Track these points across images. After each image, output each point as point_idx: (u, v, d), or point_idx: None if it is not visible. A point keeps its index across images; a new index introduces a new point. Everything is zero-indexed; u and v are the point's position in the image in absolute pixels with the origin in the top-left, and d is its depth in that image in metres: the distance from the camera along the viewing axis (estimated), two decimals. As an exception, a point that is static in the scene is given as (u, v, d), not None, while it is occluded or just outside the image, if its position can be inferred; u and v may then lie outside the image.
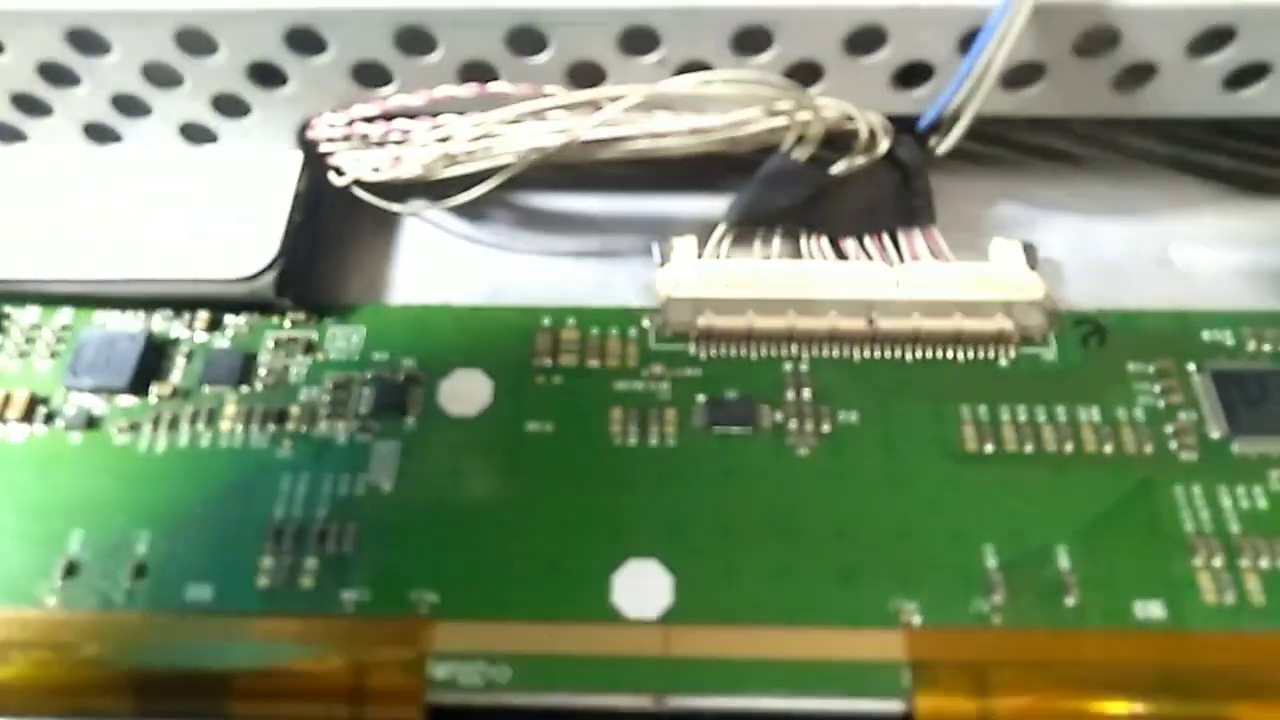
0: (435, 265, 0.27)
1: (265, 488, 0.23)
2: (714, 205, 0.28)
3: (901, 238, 0.26)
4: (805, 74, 0.23)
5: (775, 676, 0.21)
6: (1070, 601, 0.21)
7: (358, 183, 0.26)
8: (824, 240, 0.26)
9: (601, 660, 0.21)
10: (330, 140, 0.26)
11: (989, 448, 0.23)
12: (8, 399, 0.24)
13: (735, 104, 0.22)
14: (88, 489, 0.23)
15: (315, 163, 0.27)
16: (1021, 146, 0.29)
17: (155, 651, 0.21)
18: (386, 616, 0.22)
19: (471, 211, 0.27)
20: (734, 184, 0.27)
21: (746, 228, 0.26)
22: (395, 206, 0.27)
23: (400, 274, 0.27)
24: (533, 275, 0.27)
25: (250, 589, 0.22)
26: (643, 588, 0.22)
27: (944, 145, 0.25)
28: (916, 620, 0.21)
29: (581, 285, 0.27)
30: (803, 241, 0.26)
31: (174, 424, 0.24)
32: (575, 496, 0.23)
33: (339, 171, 0.26)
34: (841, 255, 0.26)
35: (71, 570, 0.22)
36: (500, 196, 0.26)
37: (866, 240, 0.26)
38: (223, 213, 0.26)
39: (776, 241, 0.26)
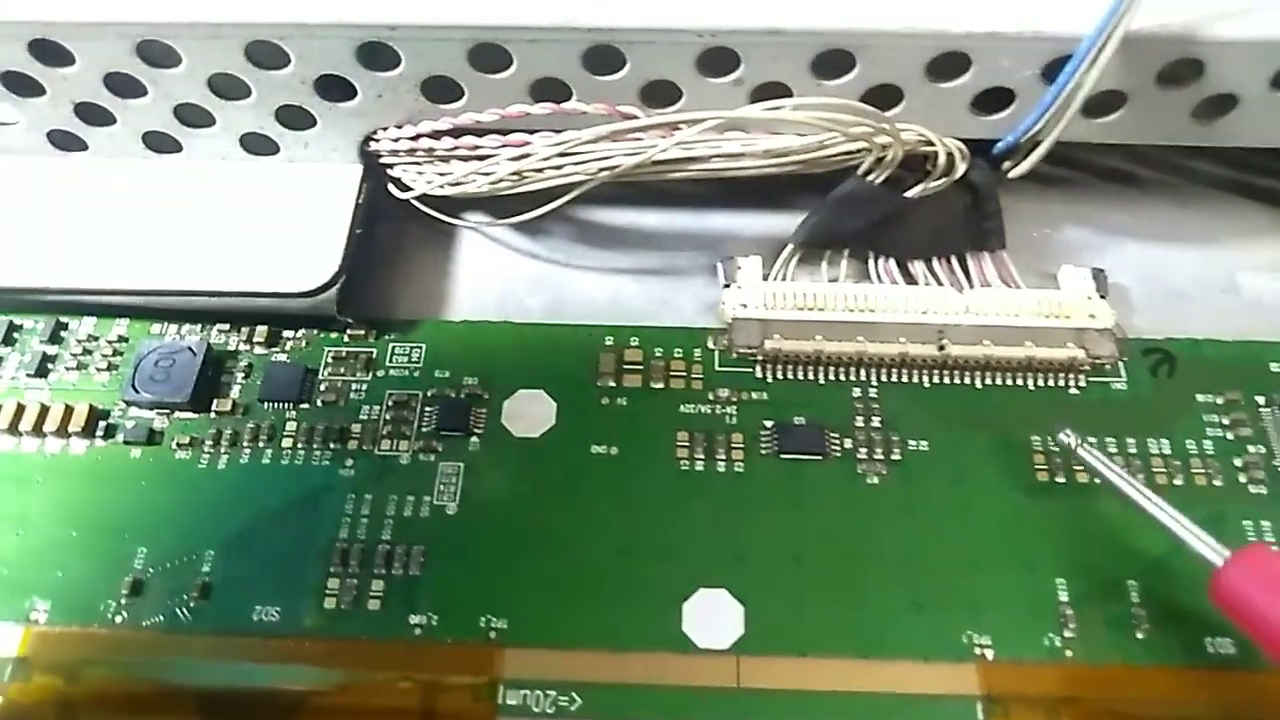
0: (492, 280, 0.27)
1: (329, 507, 0.23)
2: (776, 223, 0.27)
3: (971, 262, 0.26)
4: (883, 97, 0.23)
5: (847, 709, 0.21)
6: (1141, 636, 0.21)
7: (420, 197, 0.26)
8: (891, 263, 0.26)
9: (674, 690, 0.21)
10: (393, 154, 0.25)
11: (1060, 479, 0.23)
12: (68, 412, 0.24)
13: (815, 129, 0.22)
14: (150, 505, 0.23)
15: (374, 176, 0.26)
16: (1088, 168, 0.28)
17: (223, 672, 0.21)
18: (455, 642, 0.21)
19: (529, 226, 0.27)
20: (797, 201, 0.27)
21: (814, 249, 0.26)
22: (457, 221, 0.27)
23: (456, 289, 0.27)
24: (592, 292, 0.27)
25: (317, 610, 0.22)
26: (713, 617, 0.22)
27: (1019, 170, 0.25)
28: (990, 654, 0.21)
29: (642, 303, 0.27)
30: (870, 263, 0.26)
31: (234, 440, 0.24)
32: (642, 523, 0.23)
33: (401, 185, 0.26)
34: (909, 278, 0.26)
35: (137, 589, 0.22)
36: (558, 210, 0.26)
37: (935, 263, 0.26)
38: (282, 225, 0.25)
39: (844, 263, 0.26)
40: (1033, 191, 0.27)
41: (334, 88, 0.24)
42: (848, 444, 0.24)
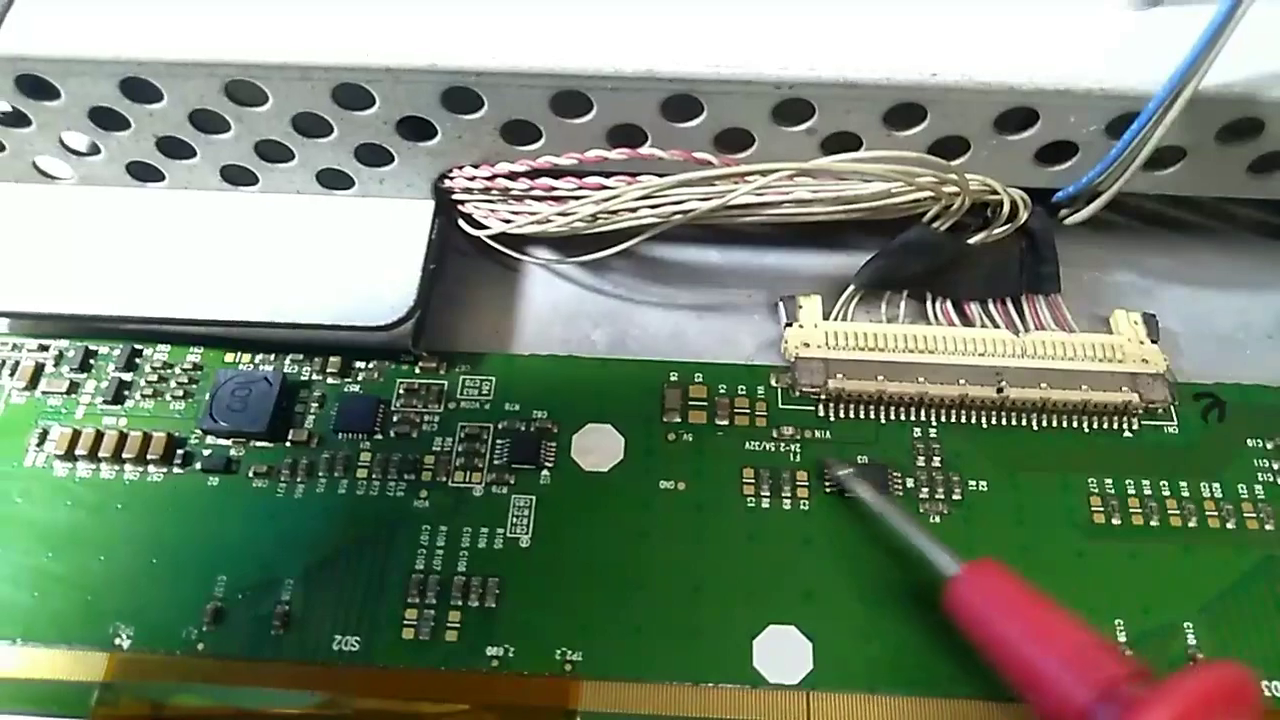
0: (557, 315, 0.28)
1: (405, 538, 0.24)
2: (833, 261, 0.28)
3: (1026, 305, 0.26)
4: (950, 147, 0.24)
5: (912, 745, 0.21)
6: (1198, 677, 0.22)
7: (494, 235, 0.26)
8: (948, 304, 0.26)
9: (746, 724, 0.21)
10: (466, 191, 0.26)
11: (1115, 520, 0.24)
12: (146, 440, 0.24)
13: (886, 178, 0.23)
14: (229, 533, 0.24)
15: (445, 212, 0.27)
16: (1136, 214, 0.29)
17: (305, 701, 0.22)
18: (532, 674, 0.22)
19: (593, 263, 0.28)
20: (854, 242, 0.28)
21: (871, 290, 0.26)
22: (525, 258, 0.27)
23: (523, 324, 0.27)
24: (654, 328, 0.27)
25: (396, 641, 0.22)
26: (783, 653, 0.22)
27: (1076, 218, 0.25)
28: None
29: (703, 339, 0.27)
30: (928, 304, 0.26)
31: (311, 470, 0.24)
32: (712, 559, 0.23)
33: (472, 221, 0.26)
34: (965, 319, 0.26)
35: (219, 616, 0.22)
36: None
37: (991, 305, 0.26)
38: (356, 259, 0.26)
39: (903, 303, 0.27)
40: (1081, 235, 0.28)
41: (415, 128, 0.24)
42: (909, 483, 0.24)
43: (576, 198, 0.24)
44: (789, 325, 0.26)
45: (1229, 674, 0.18)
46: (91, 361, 0.26)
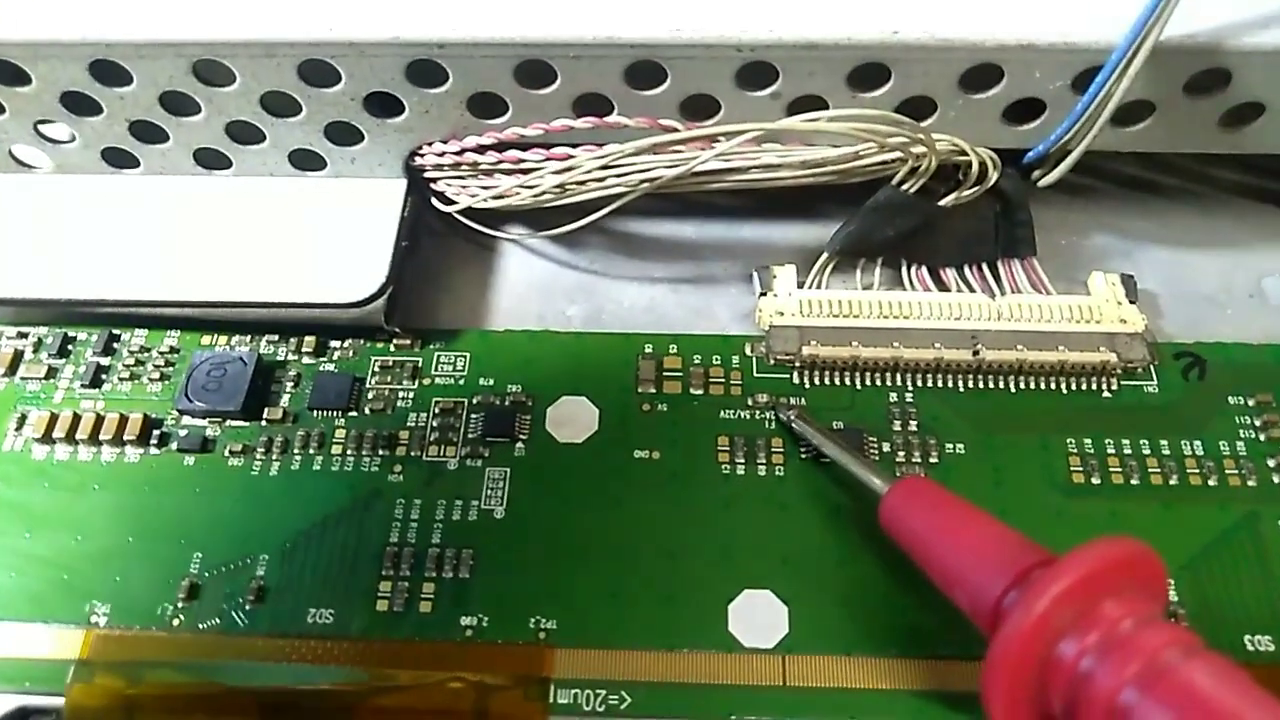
0: (532, 291, 0.28)
1: (380, 512, 0.24)
2: (808, 232, 0.28)
3: (1002, 268, 0.26)
4: (917, 108, 0.24)
5: (891, 707, 0.21)
6: (1180, 635, 0.22)
7: (464, 210, 0.26)
8: (924, 270, 0.26)
9: (722, 689, 0.21)
10: (437, 168, 0.26)
11: (1095, 480, 0.24)
12: (123, 422, 0.25)
13: (852, 140, 0.23)
14: (205, 511, 0.24)
15: (417, 190, 0.27)
16: (1114, 177, 0.29)
17: (281, 674, 0.22)
18: (506, 642, 0.22)
19: (568, 238, 0.28)
20: (829, 212, 0.28)
21: (848, 258, 0.26)
22: (497, 233, 0.27)
23: (497, 299, 0.27)
24: (630, 301, 0.27)
25: (370, 613, 0.22)
26: (758, 618, 0.22)
27: (1049, 178, 0.25)
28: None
29: (679, 312, 0.27)
30: (903, 271, 0.26)
31: (286, 448, 0.24)
32: (687, 526, 0.23)
33: (444, 199, 0.27)
34: (942, 285, 0.26)
35: (194, 592, 0.23)
36: (596, 222, 0.26)
37: (967, 270, 0.26)
38: (329, 238, 0.26)
39: (877, 271, 0.26)
40: (1059, 200, 0.28)
41: (382, 105, 0.24)
42: (885, 447, 0.24)
43: (543, 169, 0.24)
44: (763, 295, 0.26)
45: (1125, 546, 0.18)
46: (70, 347, 0.26)
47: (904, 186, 0.25)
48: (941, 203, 0.25)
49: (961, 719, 0.21)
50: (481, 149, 0.25)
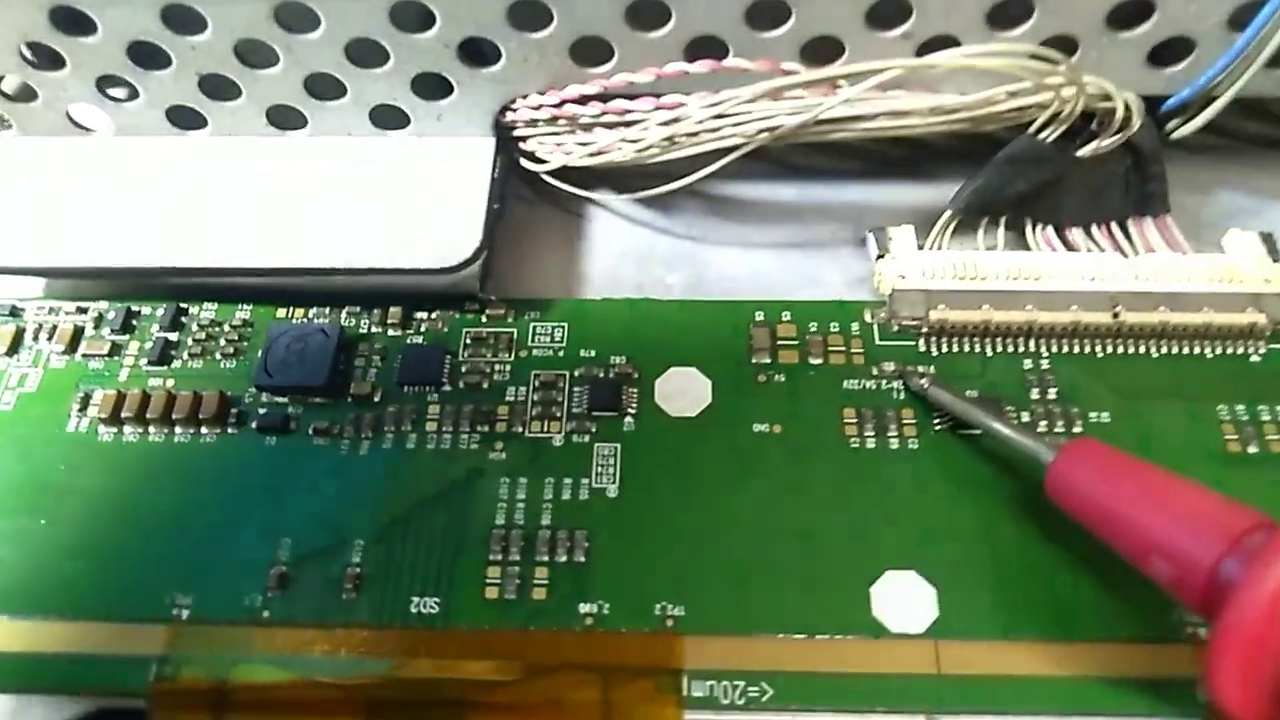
0: (627, 257, 0.26)
1: (483, 493, 0.22)
2: (915, 193, 0.26)
3: (1132, 227, 0.25)
4: (1055, 48, 0.22)
5: (1052, 695, 0.19)
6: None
7: (554, 171, 0.24)
8: (1050, 230, 0.25)
9: (871, 678, 0.19)
10: (531, 124, 0.24)
11: (1253, 449, 0.22)
12: (196, 400, 0.23)
13: (993, 81, 0.21)
14: (291, 495, 0.22)
15: (506, 150, 0.25)
16: (1238, 134, 0.27)
17: (385, 668, 0.20)
18: (631, 630, 0.20)
19: (660, 202, 0.26)
20: (934, 171, 0.26)
21: (968, 217, 0.25)
22: (593, 195, 0.25)
23: (591, 267, 0.26)
24: (732, 268, 0.26)
25: (479, 602, 0.20)
26: (905, 600, 0.20)
27: (1186, 128, 0.24)
28: (1202, 632, 0.20)
29: (785, 277, 0.25)
30: (1028, 231, 0.25)
31: (376, 426, 0.23)
32: (818, 503, 0.21)
33: (535, 159, 0.25)
34: (1069, 245, 0.24)
35: (284, 581, 0.21)
36: (688, 186, 0.25)
37: (1095, 229, 0.24)
38: (415, 201, 0.24)
39: (1001, 231, 0.25)
40: (1181, 157, 0.26)
41: (476, 53, 0.23)
42: (1025, 417, 0.22)
43: (647, 121, 0.22)
44: (880, 257, 0.24)
45: None
46: (134, 322, 0.24)
47: (1042, 135, 0.23)
48: (1080, 153, 0.23)
49: (1140, 705, 0.19)
50: (584, 99, 0.23)
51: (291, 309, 0.24)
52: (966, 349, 0.23)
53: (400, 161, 0.25)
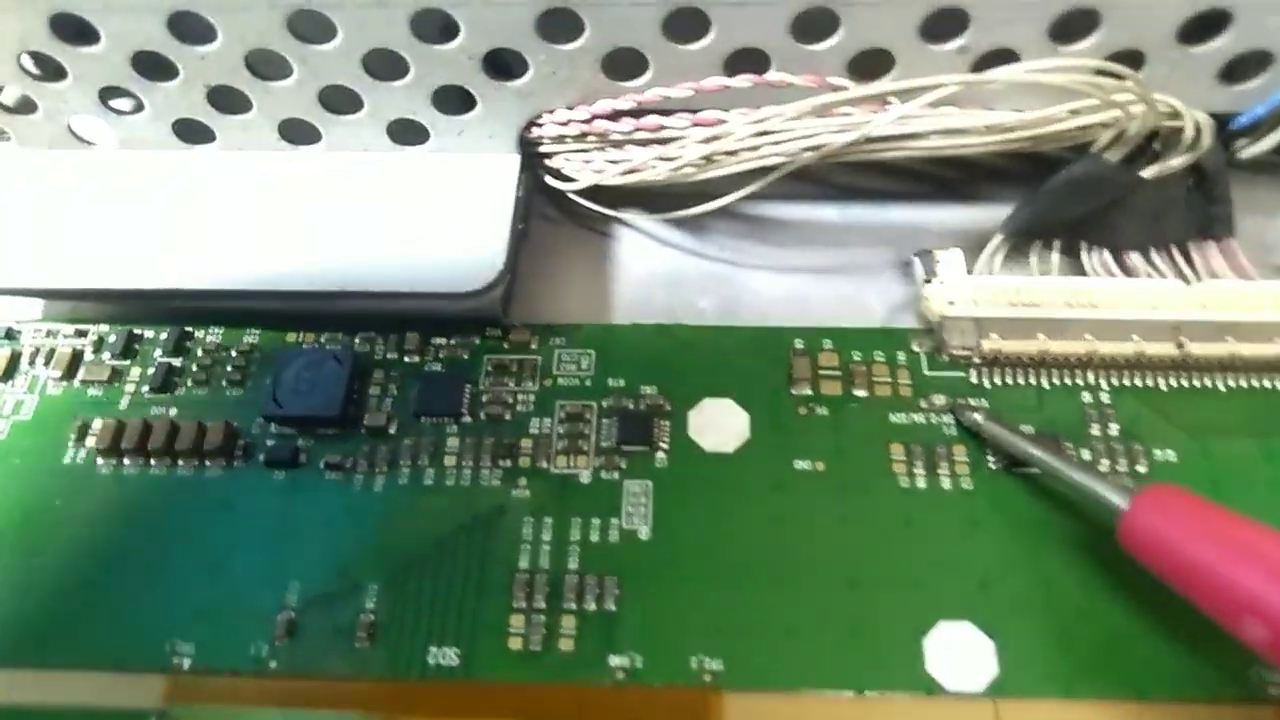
0: (653, 281, 0.24)
1: (505, 533, 0.20)
2: (963, 215, 0.25)
3: (1195, 252, 0.23)
4: (1122, 64, 0.21)
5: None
6: None
7: (583, 190, 0.23)
8: (1107, 254, 0.23)
9: (927, 740, 0.18)
10: (559, 140, 0.23)
11: (1334, 489, 0.20)
12: (201, 431, 0.21)
13: (1053, 97, 0.20)
14: (299, 534, 0.20)
15: (530, 167, 0.24)
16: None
17: (400, 726, 0.18)
18: (666, 685, 0.19)
19: (691, 223, 0.25)
20: (982, 192, 0.25)
21: (1023, 240, 0.23)
22: (624, 216, 0.24)
23: (619, 290, 0.24)
24: (768, 292, 0.24)
25: (501, 653, 0.19)
26: (960, 654, 0.19)
27: (1254, 149, 0.22)
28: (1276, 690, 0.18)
29: (824, 302, 0.24)
30: (1083, 255, 0.23)
31: (391, 460, 0.21)
32: (865, 547, 0.20)
33: (561, 176, 0.23)
34: (1127, 271, 0.23)
35: (292, 629, 0.19)
36: (723, 207, 0.23)
37: (1154, 254, 0.23)
38: (435, 220, 0.23)
39: (1055, 256, 0.23)
40: (1245, 176, 0.25)
41: (501, 65, 0.21)
42: (1086, 454, 0.21)
43: (684, 138, 0.21)
44: (928, 282, 0.23)
45: None
46: (135, 347, 0.23)
47: (1106, 155, 0.21)
48: (1144, 174, 0.22)
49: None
50: (616, 115, 0.22)
51: (302, 334, 0.23)
52: (1020, 381, 0.22)
53: (420, 179, 0.23)
